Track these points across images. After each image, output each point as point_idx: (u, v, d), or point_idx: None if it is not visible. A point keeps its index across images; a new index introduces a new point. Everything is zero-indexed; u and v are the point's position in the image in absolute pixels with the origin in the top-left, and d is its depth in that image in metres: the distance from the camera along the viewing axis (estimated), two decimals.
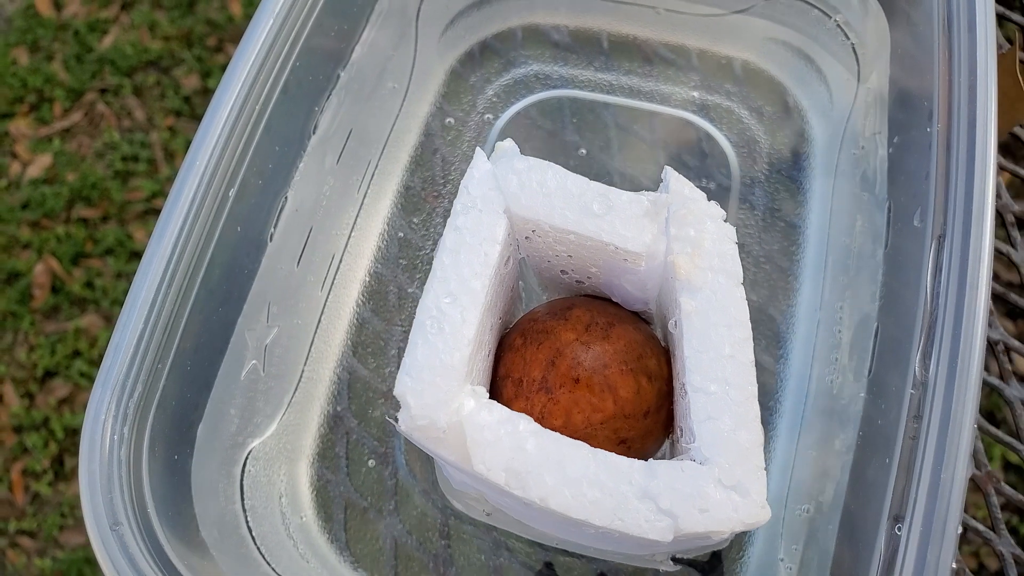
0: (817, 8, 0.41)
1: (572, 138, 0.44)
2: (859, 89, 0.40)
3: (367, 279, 0.42)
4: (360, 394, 0.41)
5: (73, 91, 1.30)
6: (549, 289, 0.38)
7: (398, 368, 0.40)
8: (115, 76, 1.29)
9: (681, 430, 0.30)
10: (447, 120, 0.44)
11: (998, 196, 0.46)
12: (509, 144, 0.33)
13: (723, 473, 0.27)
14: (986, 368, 0.39)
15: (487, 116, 0.45)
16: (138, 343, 0.30)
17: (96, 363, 1.19)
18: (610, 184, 0.41)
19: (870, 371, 0.33)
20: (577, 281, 0.35)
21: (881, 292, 0.34)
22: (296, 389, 0.39)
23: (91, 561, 1.11)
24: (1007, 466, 0.85)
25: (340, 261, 0.41)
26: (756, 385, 0.29)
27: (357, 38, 0.39)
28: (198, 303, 0.32)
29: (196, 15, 1.32)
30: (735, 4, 0.43)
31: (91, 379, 1.19)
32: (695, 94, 0.44)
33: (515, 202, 0.31)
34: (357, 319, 0.41)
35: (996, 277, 0.45)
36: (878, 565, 0.27)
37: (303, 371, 0.39)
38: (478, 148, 0.32)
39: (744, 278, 0.41)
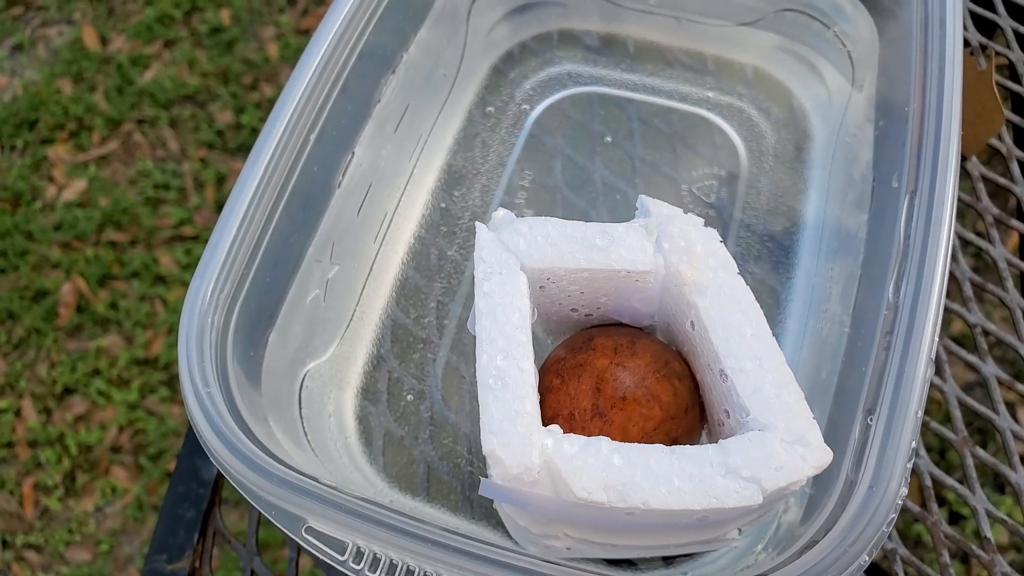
0: (818, 21, 0.50)
1: (599, 128, 0.52)
2: (853, 89, 0.48)
3: (412, 241, 0.49)
4: (401, 339, 0.47)
5: (112, 120, 1.40)
6: (554, 333, 0.43)
7: (436, 319, 0.48)
8: (153, 108, 1.39)
9: (727, 412, 0.35)
10: (488, 109, 0.52)
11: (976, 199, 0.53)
12: (503, 212, 0.38)
13: (783, 433, 0.32)
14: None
15: (524, 106, 0.53)
16: (231, 246, 0.37)
17: (116, 383, 1.25)
18: (632, 168, 0.49)
19: (854, 308, 0.40)
20: (586, 315, 0.40)
21: (865, 247, 0.41)
22: (348, 326, 0.46)
23: None
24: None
25: (391, 220, 0.48)
26: (782, 353, 0.34)
27: (417, 29, 0.48)
28: (280, 224, 0.39)
29: (234, 55, 1.43)
30: (745, 17, 0.51)
31: (109, 398, 1.25)
32: (710, 94, 0.52)
33: (527, 258, 0.36)
34: (401, 274, 0.48)
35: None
36: (852, 450, 0.34)
37: (355, 311, 0.46)
38: (477, 223, 0.37)
39: (748, 255, 0.48)
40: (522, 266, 0.36)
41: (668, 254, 0.36)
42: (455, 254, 0.49)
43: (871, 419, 0.34)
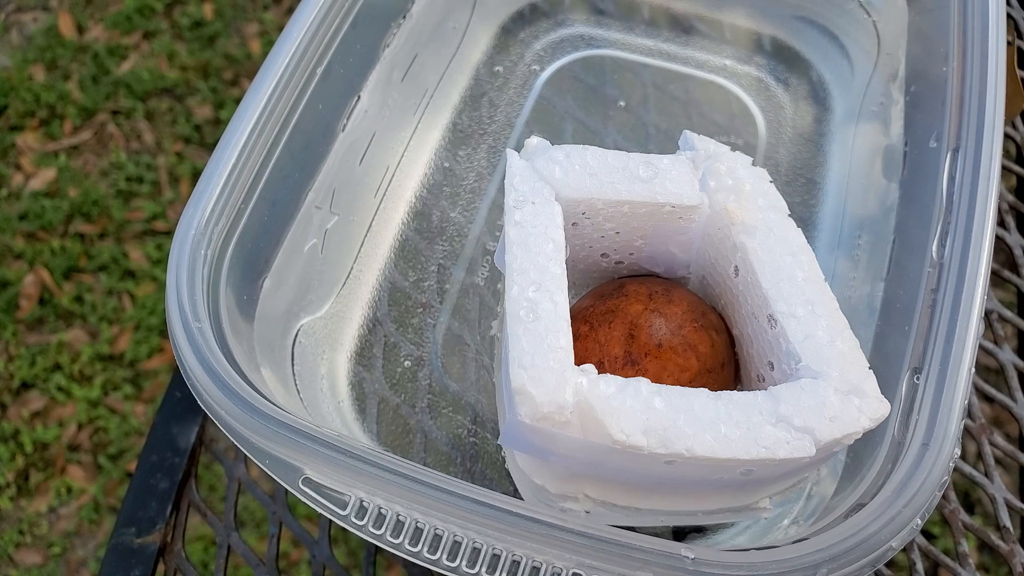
0: None
1: (612, 92, 0.50)
2: (879, 59, 0.46)
3: (413, 200, 0.46)
4: (399, 302, 0.44)
5: (85, 110, 1.36)
6: (578, 284, 0.40)
7: (437, 283, 0.45)
8: (129, 99, 1.35)
9: (771, 364, 0.32)
10: (496, 68, 0.50)
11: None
12: (537, 140, 0.35)
13: (837, 382, 0.29)
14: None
15: (534, 67, 0.50)
16: (229, 175, 0.34)
17: (77, 379, 1.20)
18: (646, 135, 0.47)
19: (887, 271, 0.37)
20: (617, 263, 0.38)
21: (898, 211, 0.39)
22: (344, 284, 0.43)
23: None
24: None
25: (393, 175, 0.45)
26: (835, 299, 0.32)
27: None
28: (281, 160, 0.36)
29: (215, 49, 1.40)
30: None
31: (69, 394, 1.20)
32: (727, 62, 0.50)
33: (564, 187, 0.33)
34: (401, 235, 0.46)
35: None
36: (898, 410, 0.31)
37: (352, 268, 0.43)
38: (508, 149, 0.35)
39: None
40: (557, 196, 0.33)
41: (714, 192, 0.33)
42: (458, 216, 0.46)
43: (918, 378, 0.31)
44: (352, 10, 0.39)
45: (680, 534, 0.40)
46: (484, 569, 0.28)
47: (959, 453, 0.30)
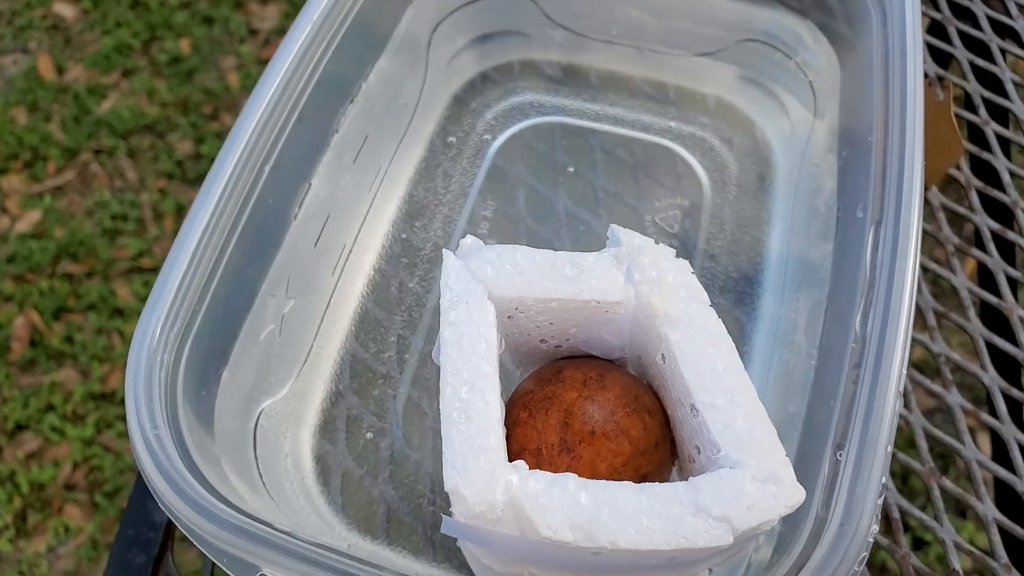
0: (780, 51, 0.50)
1: (562, 158, 0.51)
2: (816, 119, 0.48)
3: (371, 273, 0.48)
4: (360, 374, 0.46)
5: (68, 150, 1.38)
6: (523, 364, 0.42)
7: (397, 353, 0.46)
8: (111, 138, 1.37)
9: (698, 448, 0.34)
10: (449, 139, 0.52)
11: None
12: (471, 240, 0.37)
13: (755, 470, 0.31)
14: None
15: (485, 136, 0.52)
16: (182, 281, 0.35)
17: (71, 419, 1.22)
18: (595, 199, 0.49)
19: (820, 341, 0.39)
20: (556, 346, 0.39)
21: (831, 278, 0.41)
22: (305, 362, 0.44)
23: None
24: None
25: (350, 252, 0.47)
26: (754, 388, 0.33)
27: (376, 59, 0.47)
28: (233, 258, 0.38)
29: (194, 84, 1.41)
30: (707, 47, 0.51)
31: (63, 434, 1.22)
32: (672, 124, 0.52)
33: (495, 287, 0.35)
34: (361, 308, 0.47)
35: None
36: (822, 486, 0.33)
37: (312, 346, 0.45)
38: (444, 250, 0.36)
39: (713, 286, 0.48)
40: (489, 295, 0.35)
41: (639, 285, 0.35)
42: (416, 286, 0.48)
43: (840, 455, 0.33)
44: (298, 105, 0.40)
45: None
46: None
47: (877, 529, 0.32)
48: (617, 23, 0.52)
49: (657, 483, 0.31)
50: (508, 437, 0.35)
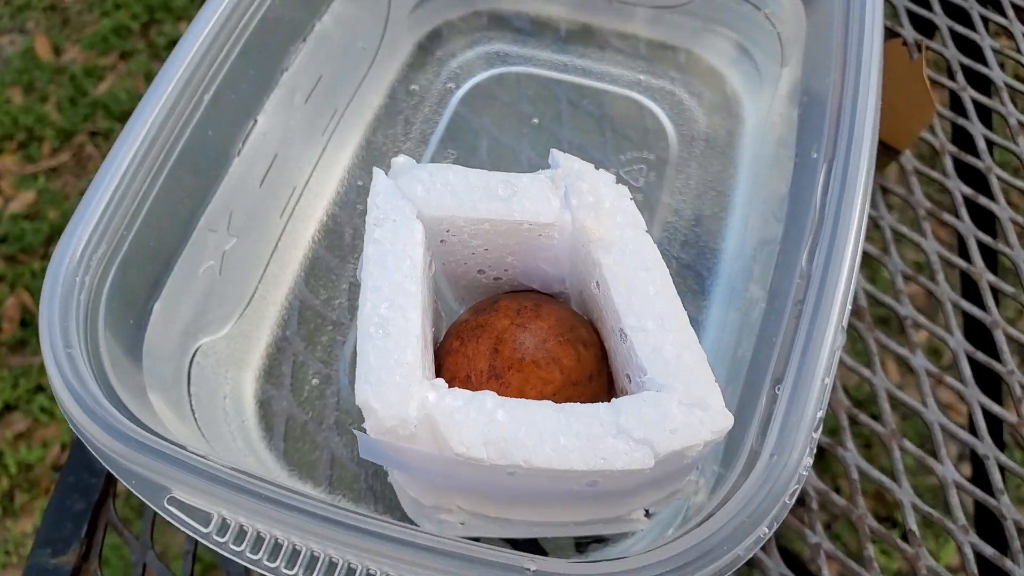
0: (749, 2, 0.49)
1: (527, 109, 0.51)
2: (783, 69, 0.47)
3: (324, 218, 0.47)
4: (309, 321, 0.45)
5: (64, 132, 1.38)
6: (466, 300, 0.41)
7: (348, 300, 0.46)
8: (107, 120, 1.37)
9: (629, 377, 0.33)
10: (412, 87, 0.51)
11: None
12: (404, 159, 0.36)
13: (681, 394, 0.30)
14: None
15: (449, 85, 0.51)
16: (108, 203, 0.35)
17: None
18: (560, 150, 0.48)
19: (771, 285, 0.38)
20: (495, 279, 0.39)
21: (784, 221, 0.40)
22: (248, 304, 0.44)
23: None
24: None
25: (300, 195, 0.46)
26: (686, 314, 0.32)
27: (331, 0, 0.46)
28: (167, 186, 0.37)
29: None
30: None
31: (52, 415, 1.22)
32: (641, 77, 0.51)
33: (425, 205, 0.34)
34: (312, 253, 0.47)
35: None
36: (759, 421, 0.32)
37: (256, 289, 0.44)
38: (375, 168, 0.36)
39: (675, 240, 0.47)
40: (419, 214, 0.34)
41: (576, 210, 0.34)
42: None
43: (778, 388, 0.32)
44: (240, 38, 0.40)
45: (583, 544, 0.41)
46: None
47: (810, 462, 0.31)
48: None
49: (579, 404, 0.30)
50: (440, 367, 0.35)
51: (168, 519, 0.30)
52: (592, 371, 0.34)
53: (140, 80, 1.41)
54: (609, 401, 0.36)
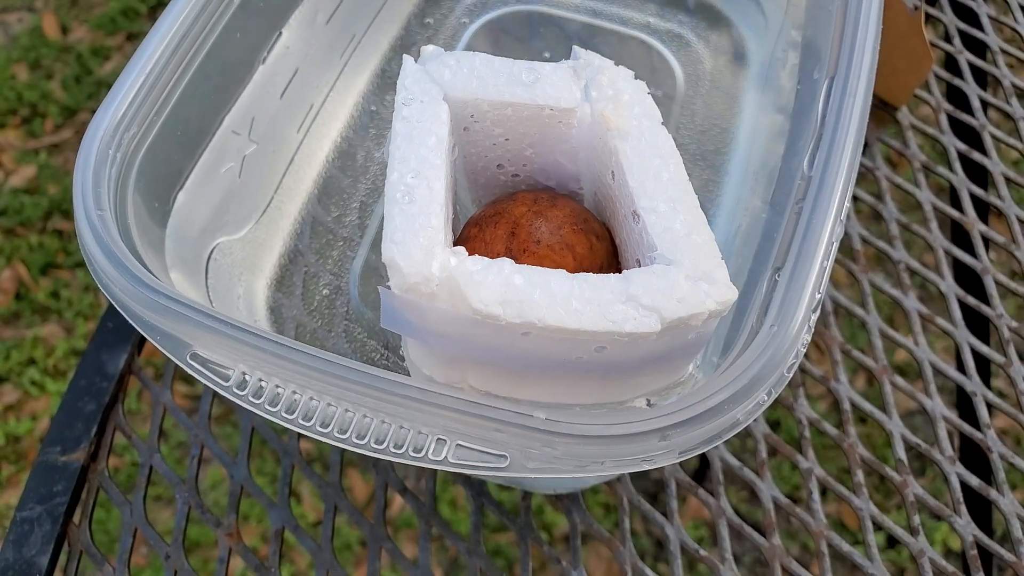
0: None
1: (538, 45, 0.53)
2: (788, 8, 0.49)
3: (338, 139, 0.49)
4: (320, 235, 0.47)
5: (67, 109, 1.40)
6: (482, 198, 0.43)
7: (359, 218, 0.47)
8: None
9: (639, 262, 0.35)
10: (427, 20, 0.53)
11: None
12: (433, 48, 0.38)
13: (688, 268, 0.32)
14: None
15: (463, 20, 0.53)
16: (141, 87, 0.37)
17: (51, 374, 1.23)
18: None
19: (772, 195, 0.40)
20: (513, 175, 0.41)
21: (786, 142, 0.42)
22: (264, 213, 0.46)
23: None
24: None
25: (316, 114, 0.48)
26: (696, 198, 0.34)
27: None
28: (195, 79, 0.39)
29: None
30: None
31: (43, 388, 1.23)
32: (651, 20, 0.53)
33: (452, 88, 0.36)
34: (325, 172, 0.48)
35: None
36: (758, 304, 0.34)
37: (273, 198, 0.46)
38: (404, 55, 0.37)
39: None
40: (445, 96, 0.36)
41: (596, 102, 0.36)
42: (383, 156, 0.49)
43: (779, 275, 0.34)
44: None
45: None
46: (354, 436, 0.31)
47: (808, 339, 0.32)
48: None
49: (591, 274, 0.32)
50: None
51: (191, 373, 0.32)
52: (603, 263, 0.36)
53: None
54: None
